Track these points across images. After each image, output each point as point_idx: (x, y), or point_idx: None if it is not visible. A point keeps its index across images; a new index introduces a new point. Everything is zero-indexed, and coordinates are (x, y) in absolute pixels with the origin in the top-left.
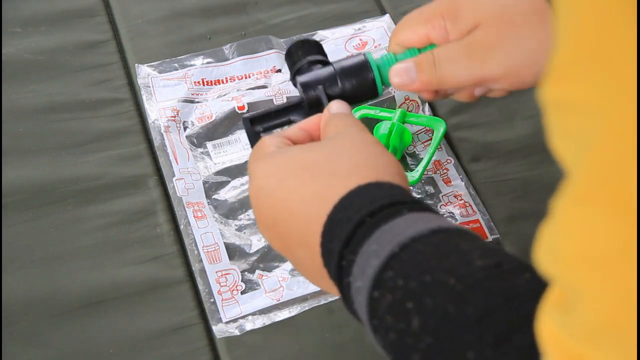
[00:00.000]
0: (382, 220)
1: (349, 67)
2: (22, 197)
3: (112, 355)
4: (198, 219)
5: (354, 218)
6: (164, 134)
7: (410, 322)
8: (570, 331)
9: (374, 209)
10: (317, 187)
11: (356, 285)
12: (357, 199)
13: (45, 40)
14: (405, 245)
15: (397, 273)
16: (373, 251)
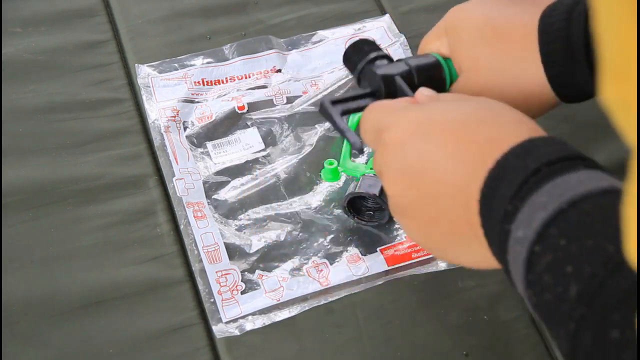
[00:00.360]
0: (557, 173)
1: (423, 65)
2: (22, 197)
3: (112, 355)
4: (198, 219)
5: (530, 165)
6: (164, 134)
7: (568, 288)
8: None
9: (553, 160)
10: (484, 133)
11: (517, 234)
12: (533, 149)
13: (45, 40)
14: (574, 203)
15: (561, 232)
16: (542, 203)
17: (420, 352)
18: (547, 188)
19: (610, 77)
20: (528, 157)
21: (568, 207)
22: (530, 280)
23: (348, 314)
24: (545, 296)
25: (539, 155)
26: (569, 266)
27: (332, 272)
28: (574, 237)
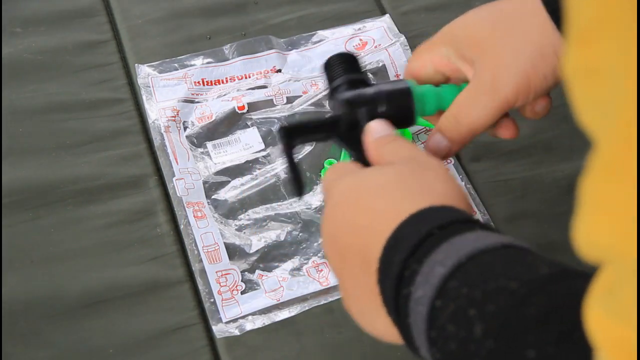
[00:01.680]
0: (453, 233)
1: (391, 92)
2: (22, 197)
3: (112, 355)
4: (198, 219)
5: (422, 230)
6: (164, 134)
7: (472, 329)
8: (618, 313)
9: (445, 223)
10: (387, 203)
11: (417, 295)
12: (428, 215)
13: (45, 40)
14: (473, 256)
15: (461, 282)
16: (439, 261)
17: None
18: (444, 247)
19: (576, 41)
20: (421, 223)
21: (467, 260)
22: (433, 336)
23: (348, 314)
24: (450, 346)
25: (432, 220)
26: (472, 309)
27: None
28: (476, 285)
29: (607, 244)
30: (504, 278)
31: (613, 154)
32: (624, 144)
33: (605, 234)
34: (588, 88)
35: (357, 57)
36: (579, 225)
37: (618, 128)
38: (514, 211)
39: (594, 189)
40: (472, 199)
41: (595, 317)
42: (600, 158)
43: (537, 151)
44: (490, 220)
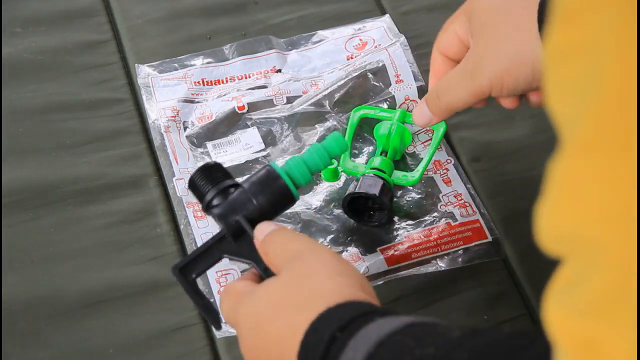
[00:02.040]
0: (355, 329)
1: (257, 181)
2: (22, 197)
3: (112, 355)
4: (198, 219)
5: (325, 336)
6: (164, 134)
7: None
8: (576, 307)
9: (344, 324)
10: (284, 323)
11: None
12: (327, 319)
13: (45, 40)
14: (382, 342)
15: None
16: (350, 359)
17: None
18: (351, 345)
19: (559, 19)
20: (323, 329)
21: (375, 348)
22: None
23: None
24: None
25: (331, 324)
26: None
27: None
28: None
29: (572, 231)
30: (419, 348)
31: (589, 134)
32: (595, 126)
33: (572, 220)
34: (565, 70)
35: (215, 163)
36: (544, 213)
37: (595, 109)
38: (514, 211)
39: (562, 174)
40: (472, 199)
41: (554, 313)
42: (573, 141)
43: (537, 151)
44: (490, 220)
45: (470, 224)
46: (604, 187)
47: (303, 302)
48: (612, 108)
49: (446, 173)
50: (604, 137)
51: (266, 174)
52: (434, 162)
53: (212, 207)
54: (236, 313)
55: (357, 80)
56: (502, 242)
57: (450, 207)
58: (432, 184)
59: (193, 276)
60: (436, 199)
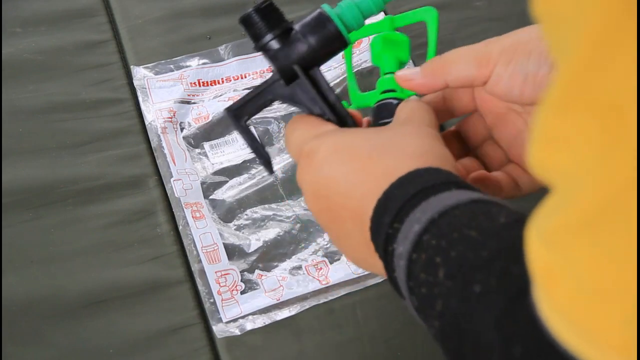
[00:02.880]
0: (431, 194)
1: (308, 22)
2: (22, 197)
3: (112, 355)
4: (196, 220)
5: (409, 192)
6: (161, 135)
7: (437, 274)
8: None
9: (428, 186)
10: (382, 165)
11: (399, 251)
12: (415, 178)
13: (45, 40)
14: (444, 212)
15: (433, 235)
16: (416, 219)
17: (420, 352)
18: (421, 207)
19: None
20: (409, 185)
21: (439, 216)
22: (411, 286)
23: (348, 314)
24: (422, 291)
25: (416, 184)
26: (438, 257)
27: (332, 270)
28: (443, 236)
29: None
30: (467, 228)
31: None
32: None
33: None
34: (550, 29)
35: (270, 4)
36: (533, 146)
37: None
38: None
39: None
40: None
41: (531, 243)
42: (551, 93)
43: None
44: None
45: None
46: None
47: (401, 155)
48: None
49: None
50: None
51: (317, 17)
52: None
53: (267, 50)
54: (325, 139)
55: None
56: None
57: None
58: None
59: (245, 118)
60: None
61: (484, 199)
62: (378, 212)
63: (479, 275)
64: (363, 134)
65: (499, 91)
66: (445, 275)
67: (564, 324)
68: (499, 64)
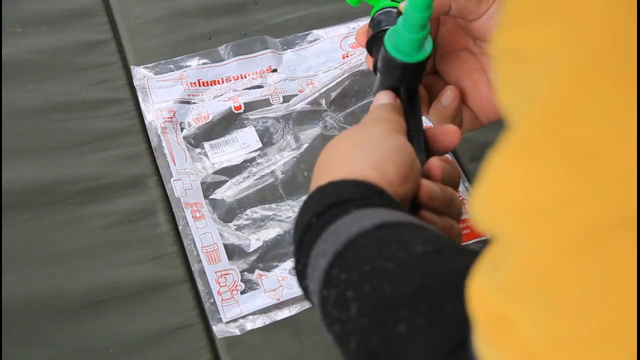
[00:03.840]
0: (329, 221)
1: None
2: (22, 197)
3: (112, 355)
4: (196, 220)
5: (302, 222)
6: (161, 135)
7: (349, 310)
8: (496, 287)
9: (320, 210)
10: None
11: (311, 287)
12: (311, 200)
13: (45, 40)
14: (351, 242)
15: (341, 269)
16: (321, 252)
17: None
18: (323, 237)
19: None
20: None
21: (344, 248)
22: (326, 324)
23: None
24: (335, 329)
25: (311, 208)
26: (350, 291)
27: None
28: (352, 269)
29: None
30: (380, 259)
31: (528, 132)
32: (541, 124)
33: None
34: (513, 70)
35: None
36: (477, 194)
37: (536, 109)
38: None
39: (506, 162)
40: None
41: (476, 290)
42: (515, 135)
43: None
44: None
45: (468, 222)
46: (527, 187)
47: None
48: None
49: None
50: (541, 137)
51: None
52: None
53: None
54: None
55: (354, 79)
56: None
57: None
58: None
59: None
60: None
61: (389, 222)
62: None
63: (402, 312)
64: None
65: (482, 30)
66: (360, 311)
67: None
68: (494, 5)
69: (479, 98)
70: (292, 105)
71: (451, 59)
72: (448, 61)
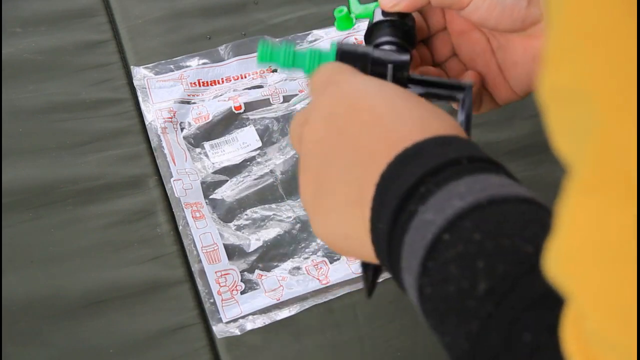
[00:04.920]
0: (479, 170)
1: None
2: (22, 197)
3: (112, 355)
4: (196, 220)
5: (450, 154)
6: (161, 135)
7: (476, 284)
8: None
9: (475, 156)
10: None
11: (425, 217)
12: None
13: (45, 40)
14: (493, 201)
15: (476, 225)
16: (459, 193)
17: (420, 352)
18: (467, 180)
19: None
20: (449, 147)
21: (487, 203)
22: (430, 267)
23: (348, 314)
24: (448, 288)
25: (461, 148)
26: (481, 261)
27: (332, 270)
28: (490, 234)
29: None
30: (520, 238)
31: (587, 176)
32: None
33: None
34: (563, 112)
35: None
36: (551, 249)
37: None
38: None
39: (567, 213)
40: None
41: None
42: (576, 180)
43: (537, 151)
44: None
45: None
46: (600, 231)
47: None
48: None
49: None
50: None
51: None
52: None
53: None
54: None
55: None
56: None
57: None
58: None
59: None
60: None
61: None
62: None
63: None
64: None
65: (475, 18)
66: (488, 293)
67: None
68: None
69: (492, 79)
70: (292, 105)
71: (465, 40)
72: (462, 42)
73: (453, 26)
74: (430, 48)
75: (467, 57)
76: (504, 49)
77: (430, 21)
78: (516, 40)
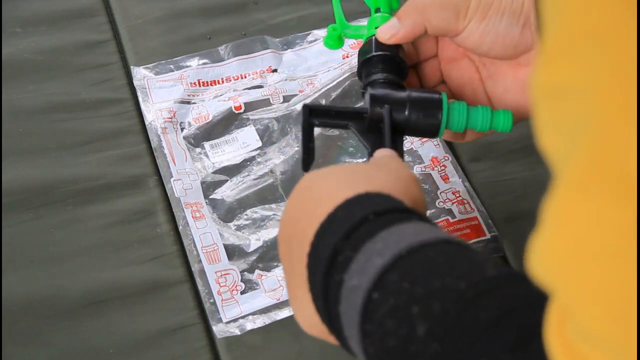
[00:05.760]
0: (390, 222)
1: (422, 99)
2: (22, 197)
3: (112, 355)
4: (196, 220)
5: (357, 215)
6: (161, 135)
7: (414, 328)
8: (571, 336)
9: (381, 210)
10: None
11: (351, 283)
12: (364, 200)
13: (45, 40)
14: (414, 250)
15: (402, 276)
16: (377, 250)
17: None
18: (382, 235)
19: (547, 59)
20: (356, 207)
21: (407, 253)
22: (367, 329)
23: None
24: (388, 342)
25: (368, 206)
26: (415, 307)
27: None
28: (418, 280)
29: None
30: (450, 277)
31: (580, 174)
32: (593, 162)
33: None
34: (555, 110)
35: (402, 61)
36: (536, 246)
37: (585, 148)
38: (514, 211)
39: (557, 210)
40: (472, 198)
41: (553, 340)
42: (566, 179)
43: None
44: (488, 217)
45: (469, 221)
46: (597, 230)
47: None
48: (610, 153)
49: (444, 170)
50: (601, 180)
51: (433, 100)
52: (431, 158)
53: (372, 84)
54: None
55: (354, 79)
56: (500, 240)
57: (449, 204)
58: (430, 180)
59: (316, 122)
60: (434, 195)
61: (456, 241)
62: (320, 234)
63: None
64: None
65: (469, 44)
66: (428, 334)
67: None
68: (474, 20)
69: None
70: (292, 105)
71: (454, 67)
72: (451, 70)
73: (443, 53)
74: (419, 74)
75: (455, 84)
76: (494, 77)
77: (422, 48)
78: (506, 68)
